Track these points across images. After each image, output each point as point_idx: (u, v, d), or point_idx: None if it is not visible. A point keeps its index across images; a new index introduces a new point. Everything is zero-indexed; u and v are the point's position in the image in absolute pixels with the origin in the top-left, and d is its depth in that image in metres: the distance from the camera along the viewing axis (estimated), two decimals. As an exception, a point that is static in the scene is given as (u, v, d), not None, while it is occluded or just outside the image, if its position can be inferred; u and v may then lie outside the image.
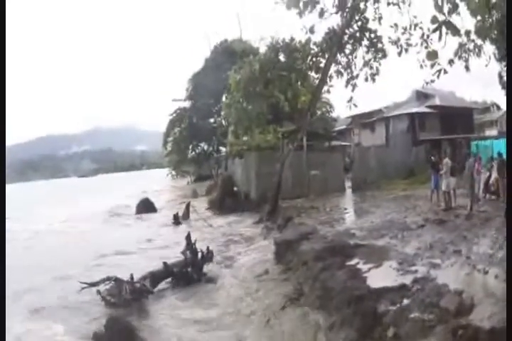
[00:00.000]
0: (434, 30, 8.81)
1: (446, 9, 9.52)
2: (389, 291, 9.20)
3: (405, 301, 8.55)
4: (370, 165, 35.14)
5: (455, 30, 8.85)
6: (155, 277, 15.65)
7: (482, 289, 8.39)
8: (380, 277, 10.29)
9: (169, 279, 16.16)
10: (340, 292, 10.07)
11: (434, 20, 8.53)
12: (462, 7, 11.10)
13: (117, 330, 10.95)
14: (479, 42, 17.42)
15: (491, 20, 15.34)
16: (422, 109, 51.23)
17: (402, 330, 7.69)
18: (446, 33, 9.37)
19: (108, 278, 15.13)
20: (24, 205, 60.33)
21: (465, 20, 11.96)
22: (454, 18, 10.36)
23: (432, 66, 12.39)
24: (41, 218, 43.04)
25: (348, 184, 34.51)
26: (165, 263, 15.89)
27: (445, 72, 12.68)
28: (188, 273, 16.12)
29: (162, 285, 15.90)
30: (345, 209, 24.71)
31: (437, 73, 12.67)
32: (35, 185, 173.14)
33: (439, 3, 9.89)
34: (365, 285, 9.85)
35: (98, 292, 14.39)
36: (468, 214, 17.64)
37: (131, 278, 14.80)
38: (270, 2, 19.42)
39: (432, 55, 10.38)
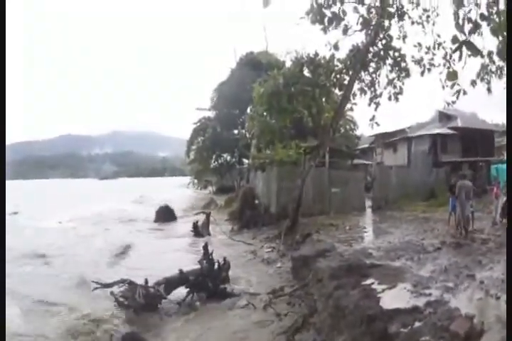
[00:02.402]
0: (455, 51, 8.88)
1: (467, 29, 9.62)
2: (401, 313, 9.22)
3: (417, 324, 8.57)
4: (391, 185, 35.13)
5: (476, 51, 8.91)
6: (170, 283, 15.77)
7: (493, 315, 8.43)
8: (394, 298, 10.33)
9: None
10: (353, 311, 10.13)
11: (454, 39, 8.59)
12: (485, 27, 11.17)
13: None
14: (501, 63, 17.37)
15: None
16: (444, 130, 51.00)
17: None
18: (469, 55, 9.48)
19: (122, 281, 15.36)
20: (38, 202, 61.36)
21: (487, 40, 12.00)
22: (476, 39, 10.47)
23: (452, 86, 12.45)
24: (47, 215, 44.56)
25: (368, 203, 34.43)
26: (180, 271, 16.02)
27: (465, 92, 12.75)
28: (204, 282, 16.21)
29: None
30: (364, 228, 24.68)
31: (457, 94, 12.75)
32: (54, 183, 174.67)
33: (460, 22, 10.00)
34: (378, 306, 9.88)
35: (112, 293, 14.61)
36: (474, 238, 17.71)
37: (146, 282, 14.99)
38: (296, 17, 19.55)
39: (452, 75, 10.42)
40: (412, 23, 21.25)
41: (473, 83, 16.37)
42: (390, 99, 24.44)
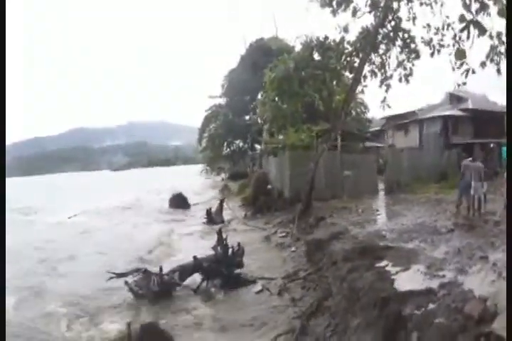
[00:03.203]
0: (462, 30, 8.85)
1: (474, 8, 9.58)
2: (415, 295, 9.22)
3: (431, 305, 8.58)
4: (403, 167, 35.00)
5: (482, 30, 8.88)
6: (184, 270, 15.93)
7: (506, 297, 8.44)
8: (408, 280, 10.34)
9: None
10: (367, 293, 10.17)
11: (461, 19, 8.58)
12: (493, 8, 11.09)
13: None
14: (510, 44, 17.23)
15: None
16: (456, 111, 50.86)
17: (426, 335, 7.79)
18: (478, 36, 9.43)
19: (137, 270, 15.53)
20: (49, 196, 62.03)
21: (496, 21, 11.93)
22: (485, 19, 10.40)
23: (461, 65, 12.38)
24: (60, 209, 45.43)
25: (380, 186, 34.44)
26: (195, 257, 16.11)
27: (473, 72, 12.68)
28: (218, 268, 16.28)
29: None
30: (377, 210, 24.59)
31: (465, 73, 12.69)
32: (67, 177, 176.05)
33: (467, 2, 9.95)
34: (392, 288, 9.91)
35: (126, 283, 14.73)
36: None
37: (160, 269, 15.09)
38: (305, 0, 19.47)
39: (461, 54, 10.43)
40: (421, 4, 21.13)
41: (483, 64, 16.29)
42: (400, 80, 24.39)
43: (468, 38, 9.05)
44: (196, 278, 16.31)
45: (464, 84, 19.27)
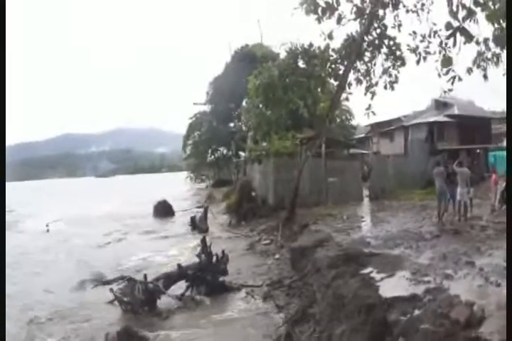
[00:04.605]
0: (449, 37, 8.82)
1: (461, 15, 9.54)
2: (400, 301, 9.17)
3: (416, 311, 8.52)
4: (388, 174, 35.12)
5: (469, 37, 8.85)
6: (169, 278, 15.81)
7: (493, 301, 8.37)
8: (393, 287, 10.28)
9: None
10: (352, 300, 10.09)
11: (448, 26, 8.53)
12: (480, 14, 11.07)
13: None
14: (497, 50, 17.27)
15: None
16: (441, 118, 51.02)
17: (412, 341, 7.72)
18: (464, 43, 9.40)
19: (121, 277, 15.42)
20: (34, 202, 61.71)
21: (483, 27, 11.92)
22: (472, 26, 10.37)
23: (447, 73, 12.36)
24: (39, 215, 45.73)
25: (365, 192, 34.44)
26: (179, 265, 16.03)
27: (460, 79, 12.67)
28: (203, 275, 16.18)
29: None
30: (362, 217, 24.66)
31: (452, 80, 12.67)
32: (52, 183, 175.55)
33: (454, 9, 9.91)
34: (377, 295, 9.84)
35: (111, 290, 14.61)
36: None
37: (145, 277, 14.99)
38: (290, 7, 19.43)
39: (447, 62, 10.38)
40: (407, 11, 21.06)
41: (470, 70, 16.33)
42: (385, 87, 24.32)
43: (454, 45, 8.98)
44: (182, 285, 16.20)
45: (451, 90, 19.33)
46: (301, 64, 25.98)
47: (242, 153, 62.58)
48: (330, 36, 20.81)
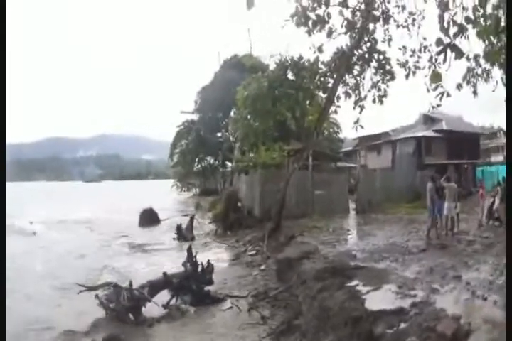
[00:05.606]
0: (439, 53, 8.84)
1: (452, 32, 9.58)
2: (386, 314, 9.16)
3: (402, 325, 8.51)
4: (375, 187, 35.21)
5: (460, 53, 8.87)
6: (154, 286, 15.69)
7: (480, 315, 8.37)
8: (379, 300, 10.27)
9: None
10: (338, 312, 10.06)
11: (439, 42, 8.56)
12: (471, 30, 11.13)
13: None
14: (488, 66, 17.35)
15: (500, 44, 15.31)
16: (429, 133, 51.36)
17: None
18: (455, 58, 9.43)
19: (107, 284, 15.32)
20: (19, 203, 61.40)
21: (473, 44, 11.98)
22: (462, 42, 10.42)
23: (436, 88, 12.41)
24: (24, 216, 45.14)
25: (352, 205, 34.47)
26: (164, 273, 15.95)
27: (448, 95, 12.71)
28: (188, 284, 16.12)
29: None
30: (348, 230, 24.67)
31: (440, 96, 12.72)
32: (39, 186, 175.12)
33: (445, 25, 9.96)
34: (363, 307, 9.83)
35: (96, 296, 14.52)
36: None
37: (130, 285, 14.89)
38: (281, 19, 19.45)
39: (436, 78, 10.36)
40: (398, 26, 21.07)
41: (459, 86, 16.36)
42: (374, 101, 24.31)
43: (444, 61, 9.00)
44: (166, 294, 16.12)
45: (439, 106, 19.35)
46: (290, 76, 26.01)
47: (228, 163, 62.67)
48: (320, 49, 20.84)
